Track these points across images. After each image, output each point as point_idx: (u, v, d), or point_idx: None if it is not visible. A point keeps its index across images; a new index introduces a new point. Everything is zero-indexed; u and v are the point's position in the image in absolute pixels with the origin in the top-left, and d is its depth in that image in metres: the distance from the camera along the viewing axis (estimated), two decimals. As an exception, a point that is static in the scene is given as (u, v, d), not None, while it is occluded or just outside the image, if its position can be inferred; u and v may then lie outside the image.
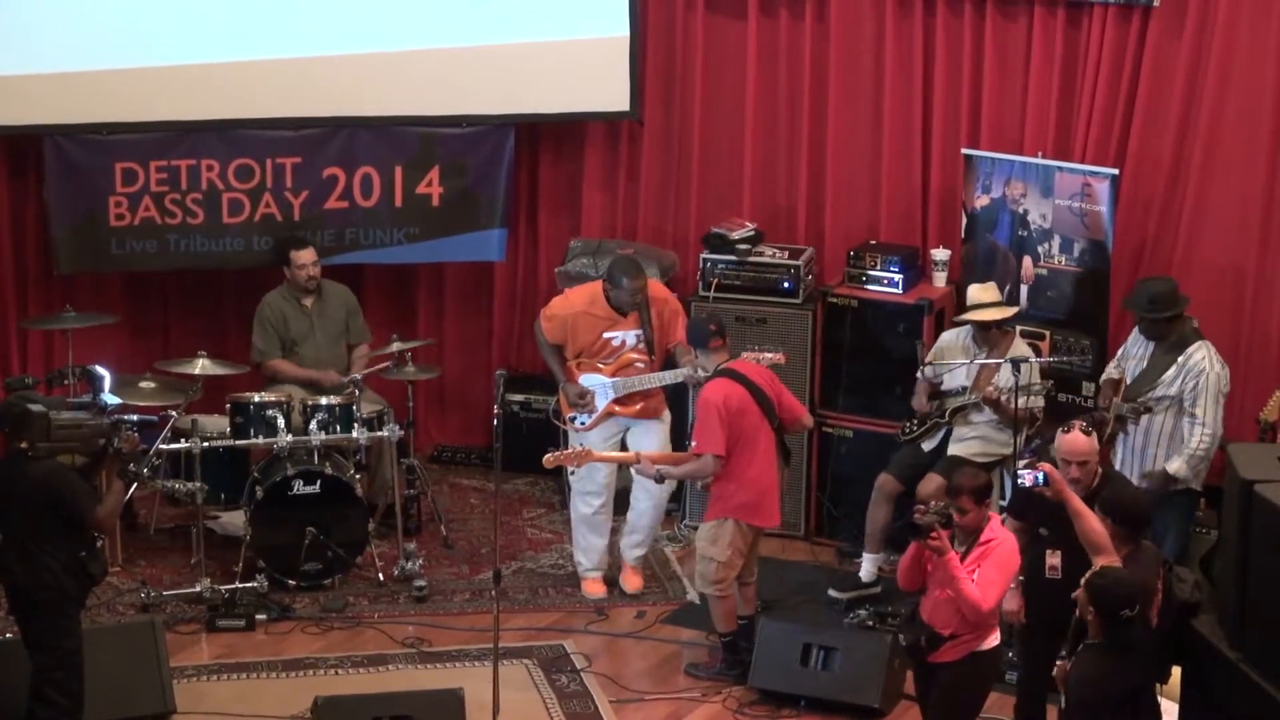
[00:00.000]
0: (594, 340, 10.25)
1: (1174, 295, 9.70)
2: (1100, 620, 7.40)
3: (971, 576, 8.00)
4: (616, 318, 10.26)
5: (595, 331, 10.25)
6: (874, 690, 9.24)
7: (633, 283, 10.16)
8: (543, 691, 9.55)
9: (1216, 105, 10.39)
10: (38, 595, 8.34)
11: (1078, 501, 7.95)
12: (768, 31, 11.51)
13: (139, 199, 11.35)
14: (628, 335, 10.27)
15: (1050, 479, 8.01)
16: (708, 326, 9.62)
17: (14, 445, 8.36)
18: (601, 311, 10.26)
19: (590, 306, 10.29)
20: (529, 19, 11.55)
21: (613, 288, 10.22)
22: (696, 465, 9.57)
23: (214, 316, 12.04)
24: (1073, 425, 8.37)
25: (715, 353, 9.60)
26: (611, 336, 10.26)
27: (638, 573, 10.59)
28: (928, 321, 10.77)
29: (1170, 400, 9.56)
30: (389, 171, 11.64)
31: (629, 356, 10.25)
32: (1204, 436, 9.51)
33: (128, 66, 11.23)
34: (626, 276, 10.18)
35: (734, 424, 9.39)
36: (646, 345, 10.27)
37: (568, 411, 10.34)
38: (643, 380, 10.20)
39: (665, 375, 10.19)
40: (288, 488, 10.39)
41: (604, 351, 10.27)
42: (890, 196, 11.33)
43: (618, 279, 10.19)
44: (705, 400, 9.47)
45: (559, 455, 9.78)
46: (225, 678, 9.64)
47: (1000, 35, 10.93)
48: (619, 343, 10.27)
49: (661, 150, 11.90)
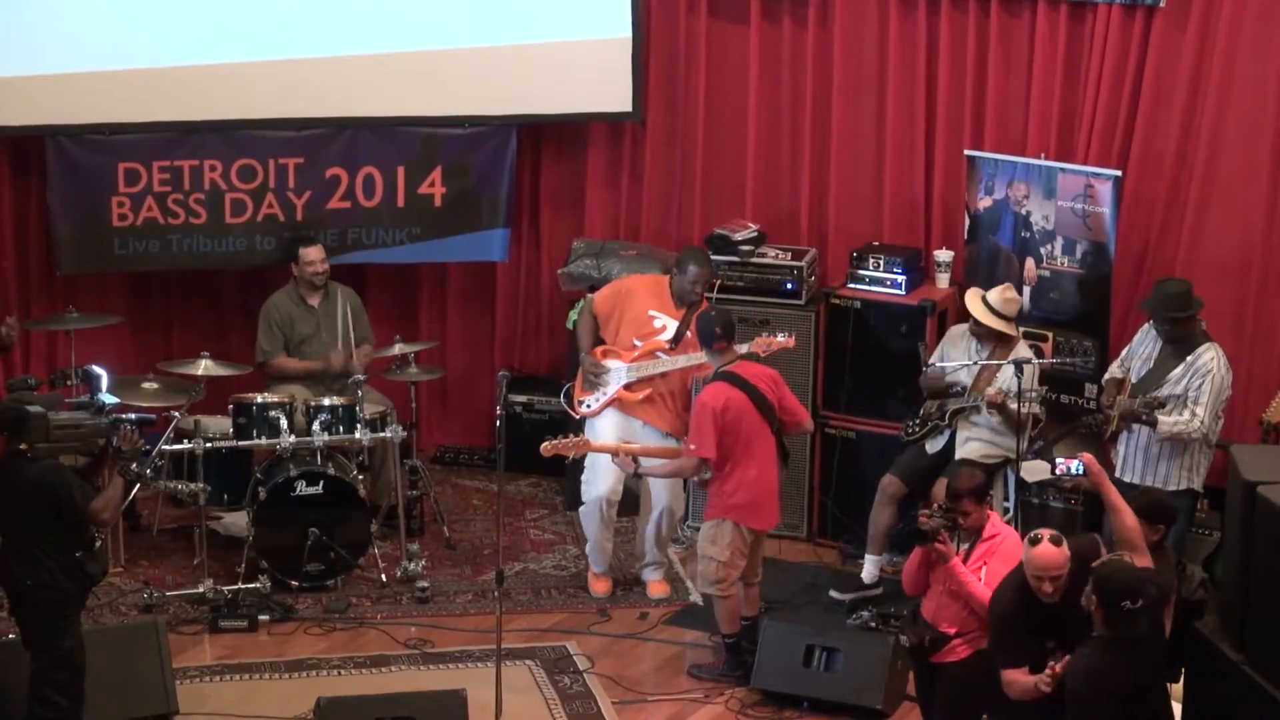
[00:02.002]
0: (640, 315, 10.28)
1: (1191, 295, 9.67)
2: (1101, 611, 7.35)
3: (978, 574, 8.02)
4: (669, 304, 10.29)
5: (645, 307, 10.28)
6: (877, 691, 9.23)
7: (699, 271, 10.20)
8: (545, 693, 9.55)
9: (1220, 106, 10.38)
10: (36, 595, 8.34)
11: (1115, 495, 7.89)
12: (770, 32, 11.51)
13: (142, 199, 11.35)
14: (670, 322, 10.28)
15: (1089, 469, 7.97)
16: (713, 328, 9.62)
17: (13, 446, 8.36)
18: (663, 293, 10.31)
19: (655, 284, 10.40)
20: (531, 20, 11.56)
21: (678, 273, 10.26)
22: (676, 464, 9.68)
23: (216, 317, 12.05)
24: (1040, 535, 7.58)
25: (719, 354, 9.60)
26: (655, 315, 10.28)
27: (661, 582, 10.59)
28: (930, 323, 10.76)
29: (1177, 399, 9.54)
30: (391, 172, 11.64)
31: (656, 343, 10.26)
32: (1194, 425, 9.45)
33: (130, 67, 11.23)
34: (694, 264, 10.24)
35: (730, 428, 9.40)
36: (675, 340, 10.28)
37: (579, 394, 10.29)
38: (656, 365, 10.20)
39: (679, 359, 10.19)
40: (290, 489, 10.39)
41: (643, 329, 10.27)
42: (893, 198, 11.33)
43: (685, 265, 10.25)
44: (700, 403, 9.49)
45: (557, 443, 9.79)
46: (228, 678, 9.64)
47: (1003, 36, 10.93)
48: (660, 325, 10.28)
49: (664, 151, 11.89)
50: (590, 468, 10.39)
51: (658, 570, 10.58)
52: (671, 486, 10.30)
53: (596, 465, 10.33)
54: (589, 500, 10.41)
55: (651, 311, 10.30)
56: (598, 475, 10.35)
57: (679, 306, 10.29)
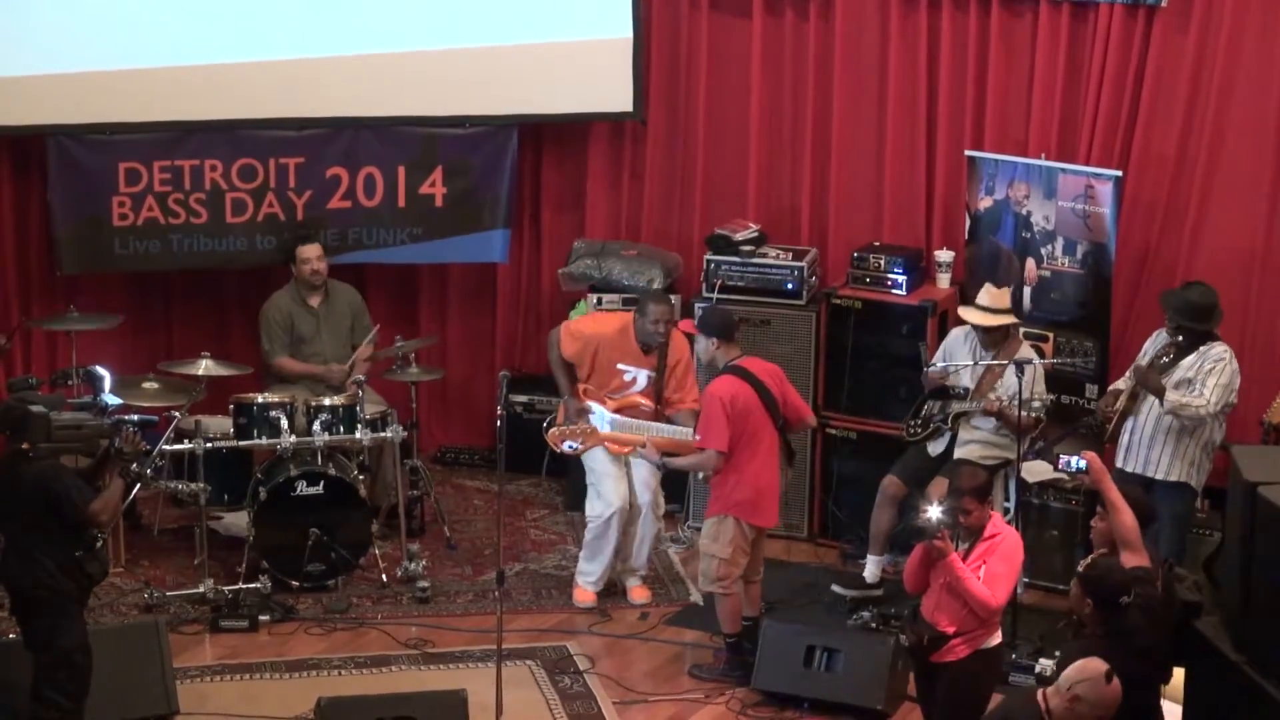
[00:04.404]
0: (608, 370, 10.23)
1: (1215, 311, 9.62)
2: (1097, 610, 7.42)
3: (978, 573, 8.02)
4: (639, 354, 10.21)
5: (613, 361, 10.22)
6: (877, 692, 9.23)
7: (659, 309, 10.11)
8: (546, 693, 9.55)
9: (1222, 106, 10.39)
10: (36, 595, 8.35)
11: (1115, 494, 7.91)
12: (772, 32, 11.51)
13: (142, 199, 11.35)
14: (640, 374, 10.23)
15: (1090, 466, 8.00)
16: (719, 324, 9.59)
17: (15, 446, 8.36)
18: (628, 344, 10.23)
19: (621, 336, 10.23)
20: (532, 20, 11.56)
21: (639, 315, 10.17)
22: (700, 459, 9.59)
23: (217, 317, 12.05)
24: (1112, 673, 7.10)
25: (724, 351, 9.59)
26: (625, 370, 10.22)
27: (643, 587, 10.56)
28: (931, 323, 10.77)
29: (1189, 383, 9.51)
30: (392, 172, 11.64)
31: (635, 398, 10.21)
32: (1199, 403, 9.44)
33: (131, 67, 11.23)
34: (654, 303, 10.16)
35: (738, 422, 9.40)
36: (655, 392, 10.24)
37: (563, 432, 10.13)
38: (642, 426, 10.11)
39: (665, 428, 10.11)
40: (291, 489, 10.39)
41: (613, 384, 10.23)
42: (894, 198, 11.33)
43: (645, 306, 10.16)
44: (711, 395, 9.47)
45: (565, 430, 9.76)
46: (228, 679, 9.64)
47: (1004, 36, 10.93)
48: (630, 379, 10.22)
49: (665, 151, 11.90)
50: (596, 484, 10.30)
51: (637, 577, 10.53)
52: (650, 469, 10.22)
53: (603, 479, 10.25)
54: (601, 516, 10.28)
55: (620, 365, 10.22)
56: (608, 489, 10.26)
57: (646, 351, 10.24)
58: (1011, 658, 9.24)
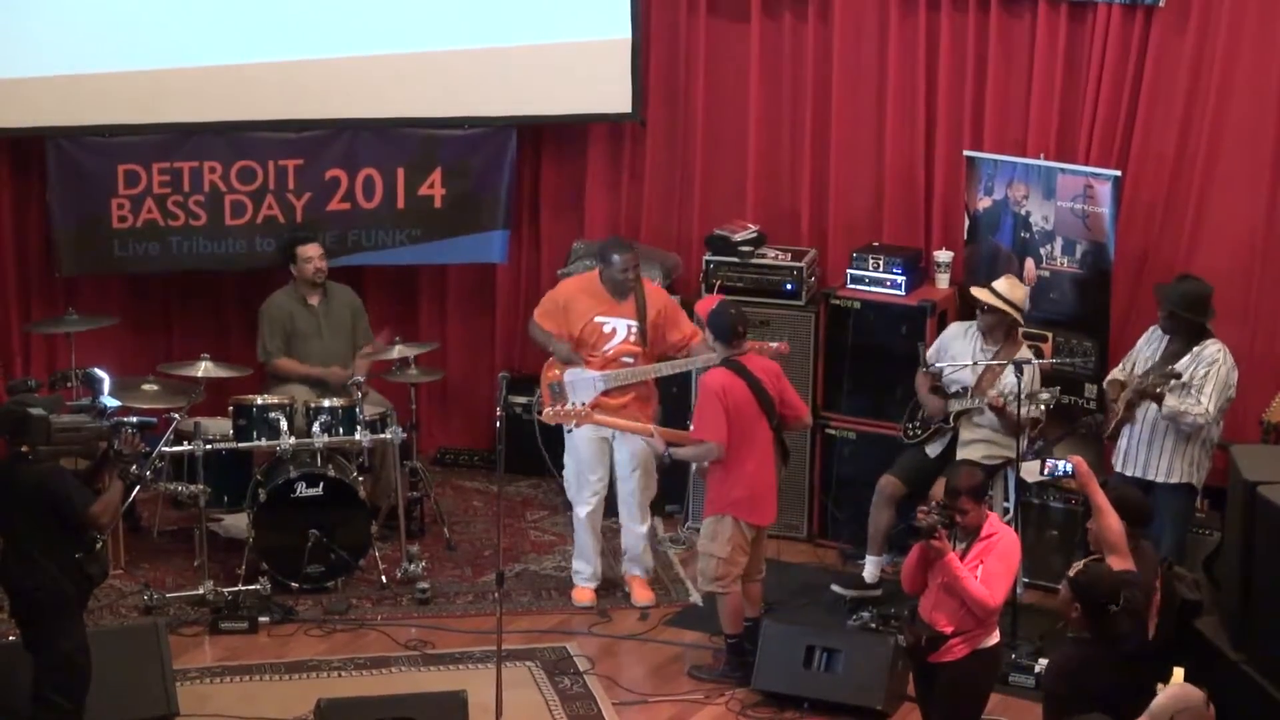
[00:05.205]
0: (586, 324, 10.20)
1: (1208, 303, 9.63)
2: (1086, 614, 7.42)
3: (975, 572, 8.03)
4: (611, 302, 10.21)
5: (588, 315, 10.20)
6: (877, 692, 9.23)
7: (623, 257, 10.12)
8: (545, 693, 9.55)
9: (1220, 106, 10.39)
10: (35, 597, 8.34)
11: (1101, 497, 7.93)
12: (770, 33, 11.51)
13: (141, 201, 11.35)
14: (619, 324, 10.21)
15: (1077, 470, 8.01)
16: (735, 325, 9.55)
17: (14, 449, 8.36)
18: (597, 294, 10.23)
19: (588, 286, 10.27)
20: (531, 21, 11.56)
21: (604, 265, 10.19)
22: (702, 449, 9.56)
23: (216, 319, 12.05)
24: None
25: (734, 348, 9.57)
26: (604, 322, 10.20)
27: (645, 586, 10.57)
28: (930, 323, 10.76)
29: (1183, 387, 9.51)
30: (391, 173, 11.64)
31: (620, 348, 10.21)
32: (1198, 410, 9.44)
33: (130, 69, 11.23)
34: (616, 252, 10.16)
35: (730, 414, 9.38)
36: (640, 335, 10.23)
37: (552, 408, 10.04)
38: (634, 372, 10.16)
39: (662, 366, 10.16)
40: (291, 490, 10.39)
41: (595, 339, 10.21)
42: (893, 198, 11.33)
43: (608, 255, 10.17)
44: (706, 386, 9.47)
45: (558, 410, 9.76)
46: (228, 680, 9.64)
47: (1003, 36, 10.93)
48: (610, 330, 10.20)
49: (664, 152, 11.90)
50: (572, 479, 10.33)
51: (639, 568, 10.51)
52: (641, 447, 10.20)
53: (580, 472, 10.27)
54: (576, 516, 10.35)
55: (598, 318, 10.22)
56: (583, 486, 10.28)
57: (620, 300, 10.23)
58: (1011, 657, 9.24)
